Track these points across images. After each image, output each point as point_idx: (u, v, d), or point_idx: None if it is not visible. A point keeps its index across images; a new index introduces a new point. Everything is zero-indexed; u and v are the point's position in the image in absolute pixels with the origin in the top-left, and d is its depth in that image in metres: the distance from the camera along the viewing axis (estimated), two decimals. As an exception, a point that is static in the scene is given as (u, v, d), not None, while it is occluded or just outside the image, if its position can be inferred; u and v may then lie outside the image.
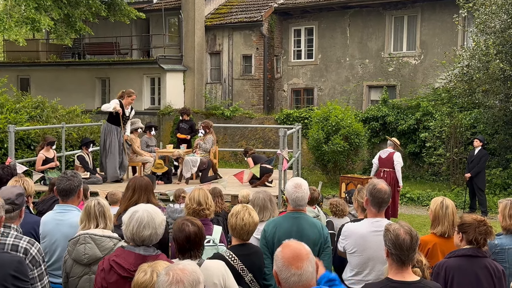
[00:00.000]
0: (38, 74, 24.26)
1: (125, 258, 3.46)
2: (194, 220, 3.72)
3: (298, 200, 4.48)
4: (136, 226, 3.46)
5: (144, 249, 3.50)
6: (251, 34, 21.83)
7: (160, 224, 3.53)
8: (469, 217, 4.03)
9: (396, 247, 3.25)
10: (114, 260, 3.48)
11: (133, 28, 24.45)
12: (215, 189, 6.88)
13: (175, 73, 21.95)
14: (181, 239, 3.57)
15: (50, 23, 15.75)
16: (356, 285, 4.19)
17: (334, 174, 16.26)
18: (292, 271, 2.66)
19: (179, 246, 3.59)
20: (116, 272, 3.45)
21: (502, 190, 14.34)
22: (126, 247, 3.56)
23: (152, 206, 3.65)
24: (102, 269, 3.52)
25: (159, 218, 3.54)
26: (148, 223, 3.46)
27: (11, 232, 3.78)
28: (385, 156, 11.58)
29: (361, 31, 20.70)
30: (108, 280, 3.46)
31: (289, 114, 19.25)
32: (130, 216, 3.52)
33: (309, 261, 2.69)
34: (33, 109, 13.67)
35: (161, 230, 3.54)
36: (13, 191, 3.95)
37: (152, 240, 3.51)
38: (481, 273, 3.89)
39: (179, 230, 3.59)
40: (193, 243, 3.58)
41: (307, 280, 2.66)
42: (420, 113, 16.95)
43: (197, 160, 11.24)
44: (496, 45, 13.47)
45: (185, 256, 3.58)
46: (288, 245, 2.76)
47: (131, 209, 3.58)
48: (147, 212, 3.51)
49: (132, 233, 3.48)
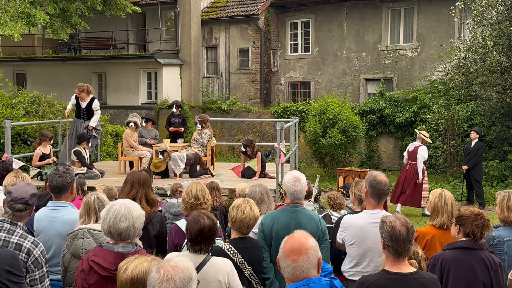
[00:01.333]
0: (34, 69, 24.17)
1: (104, 257, 3.38)
2: (210, 215, 3.71)
3: (297, 194, 4.48)
4: (113, 218, 3.39)
5: (123, 246, 3.43)
6: (248, 28, 21.77)
7: (137, 217, 3.45)
8: (467, 210, 4.03)
9: (392, 239, 3.27)
10: (93, 260, 3.40)
11: (129, 22, 24.36)
12: (212, 183, 6.87)
13: (171, 67, 21.89)
14: (195, 231, 3.56)
15: (45, 17, 15.68)
16: (355, 276, 4.20)
17: (332, 168, 16.27)
18: (288, 262, 2.73)
19: (191, 237, 3.58)
20: (96, 273, 3.37)
21: (499, 182, 14.37)
22: (105, 245, 3.48)
23: (130, 201, 3.59)
24: (82, 269, 3.43)
25: (137, 212, 3.47)
26: (125, 215, 3.39)
27: (16, 230, 3.75)
28: (412, 149, 11.86)
29: (357, 24, 20.66)
30: (88, 281, 3.39)
31: (286, 108, 19.23)
32: (107, 209, 3.46)
33: (306, 257, 2.71)
34: (29, 104, 13.62)
35: (138, 223, 3.46)
36: (28, 190, 3.88)
37: (129, 234, 3.43)
38: (477, 266, 3.90)
39: (194, 222, 3.59)
40: (206, 236, 3.57)
41: (301, 273, 2.71)
42: (417, 105, 16.95)
43: (184, 156, 11.18)
44: (493, 37, 13.46)
45: (196, 248, 3.56)
46: (293, 237, 2.81)
47: (109, 204, 3.54)
48: (124, 205, 3.45)
49: (109, 226, 3.41)
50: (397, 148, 17.99)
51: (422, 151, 11.64)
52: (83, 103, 11.76)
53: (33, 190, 3.93)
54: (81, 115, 11.81)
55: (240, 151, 11.90)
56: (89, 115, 11.78)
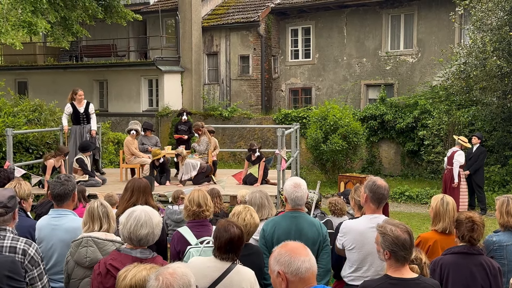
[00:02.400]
0: (35, 77, 24.25)
1: (122, 262, 3.41)
2: (238, 224, 3.73)
3: (298, 200, 4.49)
4: (134, 225, 3.45)
5: (140, 251, 3.49)
6: (248, 35, 21.84)
7: (157, 225, 3.52)
8: (463, 215, 4.07)
9: (400, 248, 3.28)
10: (111, 263, 3.45)
11: (130, 30, 24.46)
12: (213, 190, 6.89)
13: (172, 74, 21.95)
14: (224, 239, 3.58)
15: (46, 26, 15.74)
16: (356, 281, 4.20)
17: (333, 173, 16.27)
18: (302, 258, 2.69)
19: (220, 245, 3.59)
20: (113, 276, 3.39)
21: (501, 187, 14.36)
22: (122, 250, 3.54)
23: (149, 207, 3.65)
24: (99, 273, 3.48)
25: (156, 219, 3.54)
26: (146, 222, 3.45)
27: (7, 235, 3.79)
28: (450, 155, 12.11)
29: (358, 30, 20.71)
30: (105, 284, 3.43)
31: (287, 114, 19.25)
32: (128, 215, 3.51)
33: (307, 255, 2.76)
34: (31, 112, 13.65)
35: (157, 230, 3.52)
36: (5, 193, 3.92)
37: (148, 240, 3.49)
38: (476, 270, 3.91)
39: (224, 230, 3.59)
40: (235, 246, 3.60)
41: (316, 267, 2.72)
42: (418, 111, 16.96)
43: (197, 164, 11.23)
44: (493, 42, 13.49)
45: (223, 256, 3.59)
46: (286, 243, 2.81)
47: (129, 209, 3.59)
48: (144, 212, 3.51)
49: (130, 232, 3.46)
50: (398, 153, 17.99)
51: (458, 156, 11.84)
52: (80, 107, 12.05)
53: (10, 193, 3.94)
54: (80, 120, 12.05)
55: (245, 157, 11.93)
56: (88, 119, 12.11)
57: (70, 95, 12.22)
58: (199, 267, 3.56)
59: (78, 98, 12.08)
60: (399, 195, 14.70)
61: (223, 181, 10.36)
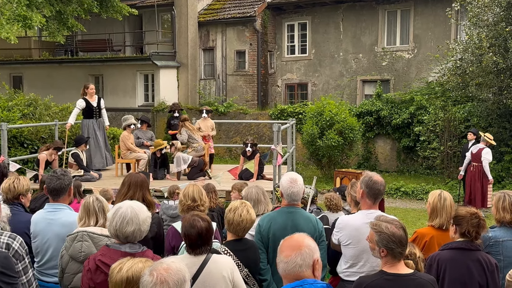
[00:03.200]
0: (30, 71, 24.14)
1: (111, 257, 3.39)
2: (204, 216, 3.69)
3: (294, 195, 4.49)
4: (120, 222, 3.40)
5: (130, 246, 3.45)
6: (245, 30, 21.79)
7: (144, 221, 3.45)
8: (463, 210, 4.05)
9: (397, 244, 3.29)
10: (100, 259, 3.42)
11: (126, 24, 24.34)
12: (209, 185, 6.86)
13: (168, 69, 21.89)
14: (193, 235, 3.54)
15: (42, 20, 15.64)
16: (351, 277, 4.20)
17: (329, 169, 16.27)
18: (281, 257, 2.76)
19: (190, 242, 3.56)
20: (103, 272, 3.38)
21: (496, 183, 14.37)
22: (111, 245, 3.50)
23: (137, 202, 3.58)
24: (88, 269, 3.45)
25: (143, 215, 3.47)
26: (132, 219, 3.40)
27: None
28: (476, 152, 12.02)
29: (354, 26, 20.70)
30: (95, 280, 3.41)
31: (283, 110, 19.24)
32: (114, 212, 3.46)
33: (299, 253, 2.72)
34: (25, 107, 13.59)
35: (145, 226, 3.47)
36: None
37: (136, 237, 3.44)
38: (473, 266, 3.91)
39: (191, 226, 3.56)
40: (205, 238, 3.57)
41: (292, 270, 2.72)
42: (414, 107, 16.97)
43: (189, 158, 11.20)
44: (489, 38, 13.50)
45: (196, 251, 3.55)
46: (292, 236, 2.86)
47: (116, 206, 3.54)
48: (131, 208, 3.44)
49: (116, 229, 3.42)
50: (394, 149, 18.01)
51: (487, 154, 11.85)
52: (93, 102, 12.26)
53: None
54: (93, 114, 12.26)
55: (241, 153, 11.88)
56: (100, 114, 12.39)
57: (82, 90, 12.34)
58: None
59: (89, 92, 12.20)
60: (394, 191, 14.72)
61: (218, 176, 10.34)
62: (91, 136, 12.08)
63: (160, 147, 11.33)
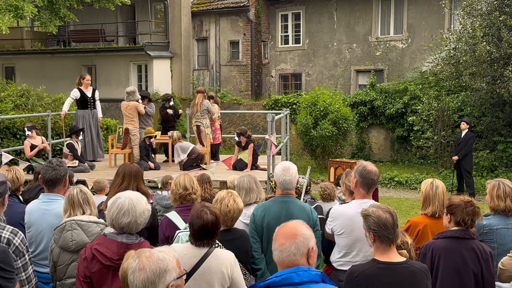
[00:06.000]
0: (23, 62, 23.96)
1: (108, 247, 3.40)
2: (213, 209, 3.64)
3: (286, 184, 4.48)
4: (116, 213, 3.40)
5: (126, 237, 3.44)
6: (238, 20, 21.69)
7: (141, 213, 3.43)
8: (457, 198, 4.06)
9: (381, 228, 3.28)
10: (96, 248, 3.42)
11: (119, 14, 24.15)
12: (203, 176, 6.83)
13: (162, 59, 21.78)
14: (198, 226, 3.52)
15: (33, 10, 15.49)
16: (344, 266, 4.20)
17: (323, 159, 16.29)
18: (275, 245, 2.74)
19: (194, 233, 3.54)
20: (98, 261, 3.39)
21: (490, 172, 14.46)
22: (108, 235, 3.50)
23: (137, 194, 3.57)
24: (85, 258, 3.45)
25: (141, 207, 3.45)
26: (128, 210, 3.39)
27: None
28: None
29: (348, 16, 20.64)
30: (91, 269, 3.41)
31: (277, 100, 19.22)
32: (113, 201, 3.46)
33: (293, 242, 2.70)
34: (18, 98, 13.51)
35: (142, 219, 3.45)
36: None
37: (131, 229, 3.44)
38: (468, 255, 3.92)
39: (197, 217, 3.53)
40: (209, 231, 3.53)
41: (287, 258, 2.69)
42: (408, 97, 16.99)
43: (189, 148, 11.18)
44: (483, 27, 13.49)
45: (198, 243, 3.53)
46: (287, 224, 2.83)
47: (116, 195, 3.53)
48: (129, 199, 3.43)
49: (112, 219, 3.42)
50: (388, 139, 18.04)
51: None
52: (88, 92, 12.21)
53: (1, 178, 3.86)
54: (88, 105, 12.22)
55: (235, 143, 11.86)
56: (94, 105, 12.36)
57: (77, 80, 12.31)
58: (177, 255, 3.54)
59: (85, 83, 12.18)
60: (388, 180, 14.76)
61: (212, 166, 10.33)
62: (86, 126, 12.07)
63: (149, 135, 11.38)
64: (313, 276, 2.65)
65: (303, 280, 2.62)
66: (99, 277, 3.40)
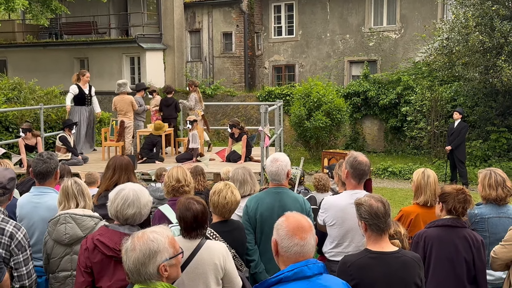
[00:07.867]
0: (14, 55, 23.83)
1: (110, 237, 3.42)
2: (198, 199, 3.66)
3: (273, 174, 4.50)
4: (121, 204, 3.42)
5: (128, 228, 3.46)
6: (231, 11, 21.60)
7: (145, 205, 3.48)
8: (449, 187, 4.08)
9: (373, 217, 3.28)
10: (98, 239, 3.44)
11: (111, 6, 24.03)
12: (197, 168, 6.84)
13: (154, 52, 21.70)
14: (189, 218, 3.52)
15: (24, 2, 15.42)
16: (336, 257, 4.22)
17: (317, 150, 16.30)
18: (296, 241, 2.61)
19: (186, 226, 3.54)
20: (100, 251, 3.41)
21: (483, 162, 14.52)
22: (110, 226, 3.53)
23: (140, 186, 3.61)
24: (86, 248, 3.47)
25: (145, 199, 3.49)
26: (133, 202, 3.42)
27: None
28: None
29: (341, 6, 20.60)
30: (92, 259, 3.43)
31: (271, 91, 19.19)
32: (116, 193, 3.48)
33: (312, 234, 2.66)
34: (10, 91, 13.44)
35: (145, 210, 3.49)
36: (5, 174, 3.91)
37: (135, 220, 3.47)
38: (460, 243, 3.94)
39: (186, 209, 3.53)
40: (200, 221, 3.54)
41: (308, 252, 2.63)
42: (401, 87, 17.01)
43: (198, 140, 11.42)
44: (475, 17, 13.50)
45: (191, 235, 3.53)
46: (292, 215, 2.72)
47: (118, 187, 3.56)
48: (133, 191, 3.46)
49: (116, 211, 3.45)
50: (382, 130, 18.07)
51: None
52: (85, 89, 12.25)
53: (11, 175, 3.93)
54: (85, 101, 12.27)
55: (228, 135, 11.87)
56: (90, 101, 12.41)
57: (75, 76, 12.33)
58: None
59: (85, 80, 12.22)
60: (382, 171, 14.81)
61: (206, 158, 10.34)
62: (81, 123, 12.10)
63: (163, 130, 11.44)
64: (320, 268, 2.64)
65: (314, 273, 2.60)
66: (100, 267, 3.42)
